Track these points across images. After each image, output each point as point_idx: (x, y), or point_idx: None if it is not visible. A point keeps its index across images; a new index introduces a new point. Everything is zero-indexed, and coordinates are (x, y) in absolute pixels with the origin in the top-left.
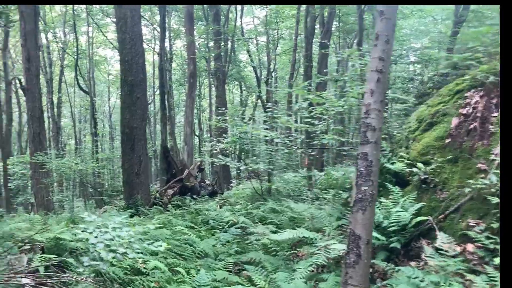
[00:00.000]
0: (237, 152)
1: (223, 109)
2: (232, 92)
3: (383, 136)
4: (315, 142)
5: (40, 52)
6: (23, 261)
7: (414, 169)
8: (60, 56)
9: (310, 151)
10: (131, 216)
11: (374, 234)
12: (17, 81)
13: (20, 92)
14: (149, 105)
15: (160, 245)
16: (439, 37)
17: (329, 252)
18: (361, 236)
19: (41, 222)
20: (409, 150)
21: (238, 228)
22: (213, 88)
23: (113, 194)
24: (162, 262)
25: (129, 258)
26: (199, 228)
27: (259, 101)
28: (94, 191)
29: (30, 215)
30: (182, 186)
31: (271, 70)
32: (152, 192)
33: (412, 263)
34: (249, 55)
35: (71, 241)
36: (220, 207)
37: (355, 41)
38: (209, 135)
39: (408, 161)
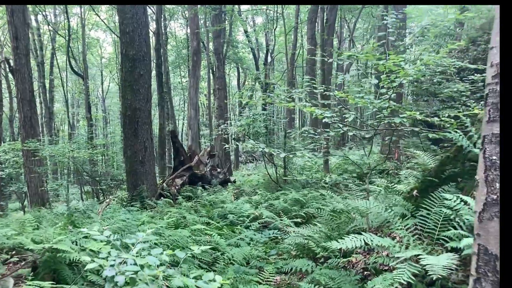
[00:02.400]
0: (249, 135)
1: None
2: (229, 75)
3: (461, 113)
4: (370, 122)
5: (30, 35)
6: (7, 286)
7: None
8: (51, 38)
9: (363, 133)
10: (137, 211)
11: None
12: (6, 63)
13: (11, 76)
14: None
15: (213, 280)
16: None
17: (417, 267)
18: (499, 256)
19: (33, 223)
20: None
21: (262, 223)
22: (211, 70)
23: (112, 183)
24: (187, 276)
25: None
26: (216, 223)
27: (256, 83)
28: (90, 179)
29: (22, 213)
30: (191, 174)
31: (270, 52)
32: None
33: None
34: (247, 36)
35: (72, 252)
36: (236, 198)
37: (358, 19)
38: (205, 118)
39: None
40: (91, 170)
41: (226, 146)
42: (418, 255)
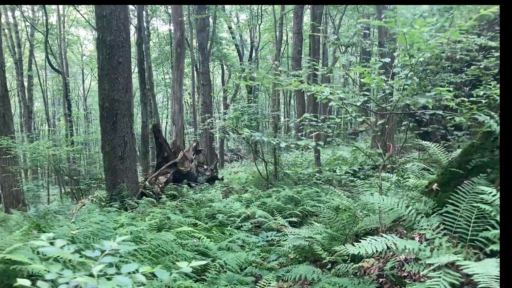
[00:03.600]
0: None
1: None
2: (213, 72)
3: (493, 91)
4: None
5: (7, 31)
6: None
7: None
8: (29, 34)
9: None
10: (115, 211)
11: None
12: None
13: None
14: None
15: None
16: None
17: (455, 275)
18: None
19: None
20: None
21: (254, 223)
22: (195, 67)
23: (91, 182)
24: None
25: None
26: (204, 224)
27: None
28: (69, 179)
29: None
30: (176, 171)
31: (255, 48)
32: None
33: None
34: (231, 32)
35: (29, 263)
36: (225, 196)
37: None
38: (189, 116)
39: None
40: (69, 168)
41: (224, 138)
42: (455, 261)
